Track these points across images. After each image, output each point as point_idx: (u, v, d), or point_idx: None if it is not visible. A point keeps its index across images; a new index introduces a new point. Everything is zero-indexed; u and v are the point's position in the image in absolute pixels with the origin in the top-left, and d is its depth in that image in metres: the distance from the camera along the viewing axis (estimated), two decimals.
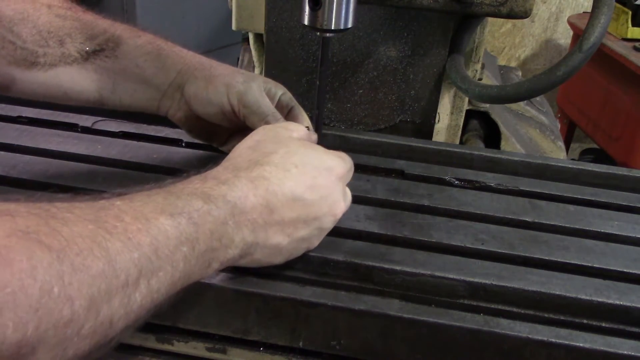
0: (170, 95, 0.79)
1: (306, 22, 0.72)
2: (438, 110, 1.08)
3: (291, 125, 0.71)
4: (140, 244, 0.45)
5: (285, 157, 0.62)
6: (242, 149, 0.64)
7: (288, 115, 0.82)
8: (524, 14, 0.92)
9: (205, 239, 0.52)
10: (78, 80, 0.76)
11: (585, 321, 0.64)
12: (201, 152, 0.88)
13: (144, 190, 0.53)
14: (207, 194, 0.54)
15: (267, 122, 0.74)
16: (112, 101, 0.79)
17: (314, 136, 0.74)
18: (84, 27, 0.76)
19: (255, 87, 0.77)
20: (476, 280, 0.66)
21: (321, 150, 0.67)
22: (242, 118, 0.76)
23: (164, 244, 0.47)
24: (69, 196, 0.48)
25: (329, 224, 0.65)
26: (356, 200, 0.72)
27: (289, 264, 0.67)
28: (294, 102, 0.83)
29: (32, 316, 0.37)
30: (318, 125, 0.80)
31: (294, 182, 0.60)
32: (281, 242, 0.60)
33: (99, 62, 0.76)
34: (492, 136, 1.21)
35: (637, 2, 2.36)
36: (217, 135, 0.85)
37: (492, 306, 0.65)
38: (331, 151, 0.69)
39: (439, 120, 1.10)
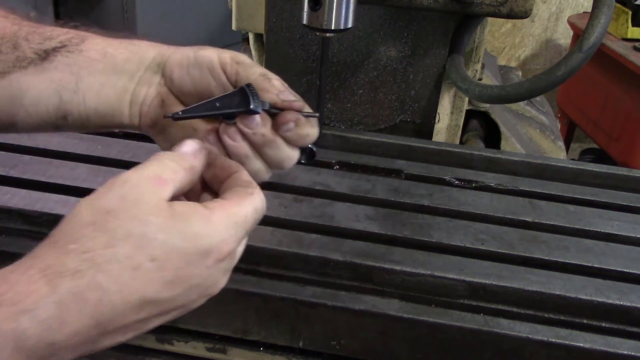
0: (147, 80, 0.66)
1: (306, 22, 0.72)
2: (438, 110, 1.08)
3: (166, 172, 0.51)
4: None
5: (139, 248, 0.46)
6: (81, 225, 0.47)
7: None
8: (524, 14, 0.92)
9: None
10: (34, 83, 0.65)
11: (585, 321, 0.65)
12: None
13: None
14: None
15: (262, 75, 0.61)
16: (75, 103, 0.66)
17: (198, 161, 0.55)
18: (43, 30, 0.68)
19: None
20: (476, 280, 0.66)
21: (201, 222, 0.49)
22: (234, 75, 0.63)
23: None
24: None
25: (198, 304, 0.53)
26: (356, 200, 0.73)
27: (289, 264, 0.67)
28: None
29: None
30: (318, 125, 0.80)
31: (143, 283, 0.46)
32: (122, 339, 0.49)
33: (61, 57, 0.66)
34: (492, 136, 1.21)
35: (637, 2, 2.36)
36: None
37: (492, 306, 0.65)
38: (226, 213, 0.51)
39: (439, 120, 1.10)
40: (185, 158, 0.53)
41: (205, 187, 0.57)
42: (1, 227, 0.73)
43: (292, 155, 0.60)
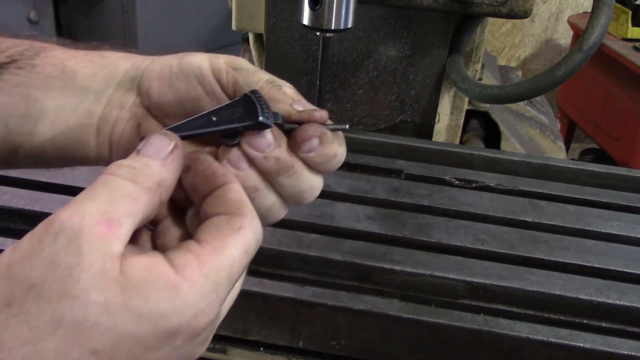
0: (118, 100, 0.52)
1: (306, 22, 0.72)
2: (438, 110, 1.08)
3: (120, 205, 0.36)
4: None
5: (75, 340, 0.32)
6: None
7: None
8: (524, 14, 0.92)
9: None
10: None
11: (585, 321, 0.65)
12: None
13: None
14: None
15: (270, 82, 0.47)
16: (24, 133, 0.52)
17: (168, 169, 0.38)
18: None
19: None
20: (476, 280, 0.66)
21: (165, 296, 0.34)
22: (231, 84, 0.49)
23: None
24: None
25: None
26: (356, 200, 0.73)
27: (289, 264, 0.67)
28: None
29: None
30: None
31: None
32: None
33: (8, 76, 0.52)
34: (492, 136, 1.21)
35: (637, 2, 2.36)
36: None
37: (492, 306, 0.65)
38: (201, 271, 0.36)
39: (439, 120, 1.10)
40: (150, 172, 0.38)
41: (186, 198, 0.43)
42: (1, 227, 0.73)
43: (315, 184, 0.47)
